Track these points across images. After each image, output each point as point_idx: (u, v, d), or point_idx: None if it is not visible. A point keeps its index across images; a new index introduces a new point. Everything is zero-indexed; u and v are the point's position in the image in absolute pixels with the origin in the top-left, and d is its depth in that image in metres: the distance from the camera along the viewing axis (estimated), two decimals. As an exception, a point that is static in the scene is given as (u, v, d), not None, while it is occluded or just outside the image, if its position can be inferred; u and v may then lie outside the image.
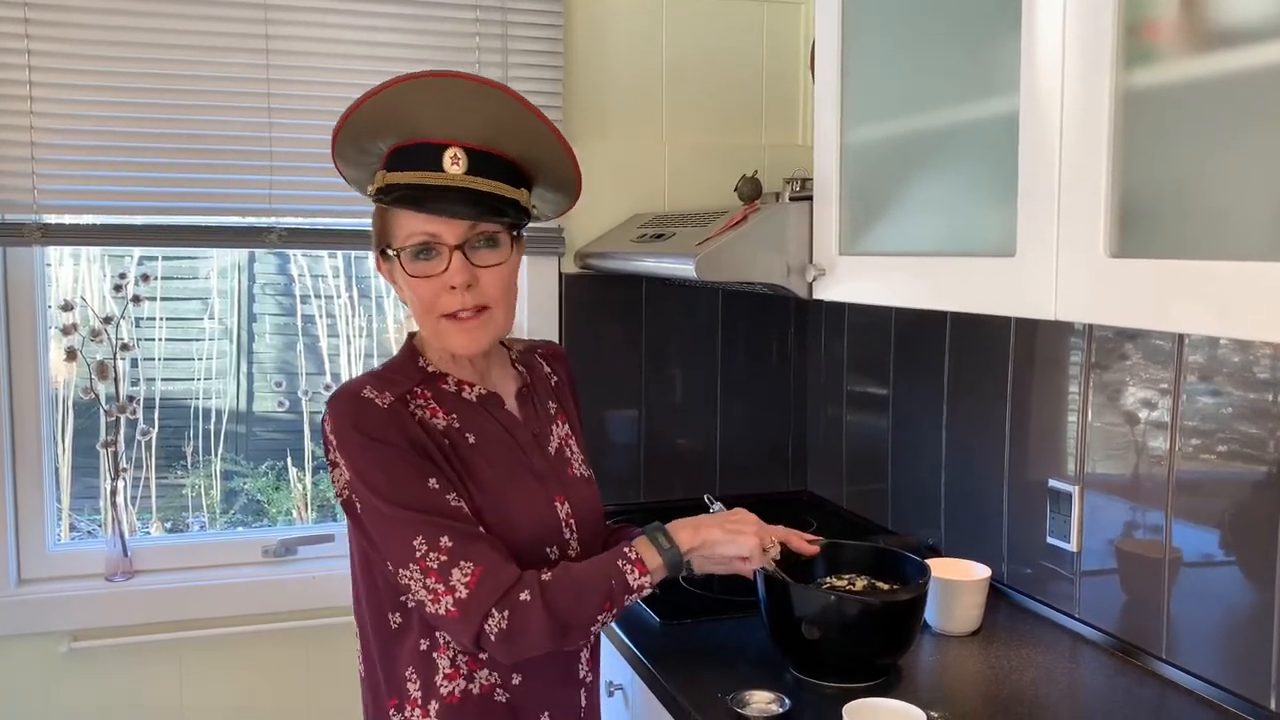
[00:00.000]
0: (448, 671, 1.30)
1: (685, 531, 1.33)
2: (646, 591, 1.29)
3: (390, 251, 1.28)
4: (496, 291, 1.29)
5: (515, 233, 1.32)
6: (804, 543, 1.49)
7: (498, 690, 1.32)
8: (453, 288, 1.25)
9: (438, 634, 1.30)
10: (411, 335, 1.39)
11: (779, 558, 1.44)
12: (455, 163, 1.24)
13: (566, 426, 1.46)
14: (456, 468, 1.29)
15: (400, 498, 1.22)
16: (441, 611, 1.22)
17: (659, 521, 1.36)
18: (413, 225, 1.25)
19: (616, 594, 1.26)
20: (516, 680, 1.33)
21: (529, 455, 1.36)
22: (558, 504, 1.37)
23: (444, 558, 1.21)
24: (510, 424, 1.36)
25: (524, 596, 1.22)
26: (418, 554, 1.21)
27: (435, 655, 1.31)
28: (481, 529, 1.26)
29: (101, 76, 2.04)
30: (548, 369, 1.50)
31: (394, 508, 1.22)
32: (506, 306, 1.31)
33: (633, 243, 2.14)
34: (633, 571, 1.27)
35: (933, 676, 1.56)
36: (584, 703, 1.42)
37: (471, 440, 1.32)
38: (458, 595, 1.20)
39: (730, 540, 1.35)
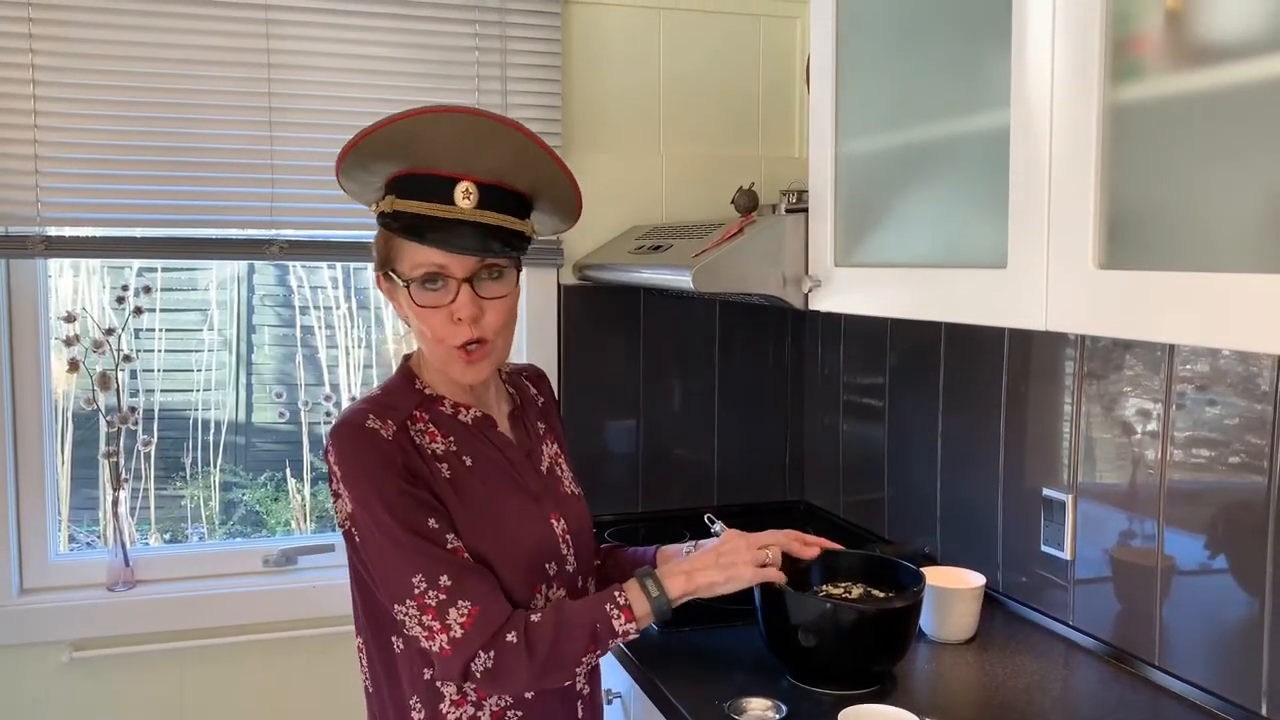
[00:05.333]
0: (454, 698, 1.31)
1: (678, 579, 1.33)
2: (632, 637, 1.30)
3: (394, 276, 1.29)
4: (500, 324, 1.30)
5: (519, 263, 1.34)
6: (801, 546, 1.50)
7: (509, 712, 1.33)
8: (458, 319, 1.26)
9: None
10: (407, 357, 1.40)
11: (780, 563, 1.45)
12: (467, 197, 1.24)
13: (555, 446, 1.48)
14: (456, 492, 1.30)
15: (401, 535, 1.23)
16: (435, 649, 1.24)
17: (650, 567, 1.36)
18: (420, 256, 1.25)
19: (601, 638, 1.27)
20: (529, 694, 1.33)
21: (524, 475, 1.38)
22: (554, 521, 1.38)
23: (442, 596, 1.23)
24: (504, 445, 1.38)
25: (510, 638, 1.23)
26: (416, 590, 1.23)
27: (441, 684, 1.31)
28: (476, 565, 1.27)
29: (105, 90, 2.06)
30: (534, 390, 1.52)
31: (395, 544, 1.23)
32: (507, 336, 1.33)
33: (630, 254, 2.15)
34: (619, 617, 1.28)
35: (928, 684, 1.57)
36: (580, 715, 1.42)
37: (468, 463, 1.33)
38: (453, 634, 1.22)
39: (726, 580, 1.36)
